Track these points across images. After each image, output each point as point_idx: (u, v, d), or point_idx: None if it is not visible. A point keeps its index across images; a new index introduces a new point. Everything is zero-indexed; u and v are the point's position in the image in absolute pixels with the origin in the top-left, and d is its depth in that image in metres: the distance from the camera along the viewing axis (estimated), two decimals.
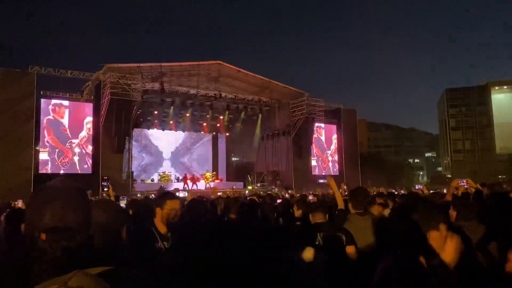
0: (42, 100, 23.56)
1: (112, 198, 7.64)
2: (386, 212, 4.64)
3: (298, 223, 5.06)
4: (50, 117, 23.68)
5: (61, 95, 24.73)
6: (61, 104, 24.29)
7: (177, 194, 11.96)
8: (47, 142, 23.53)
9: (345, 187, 9.12)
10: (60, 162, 23.76)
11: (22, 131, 22.23)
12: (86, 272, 0.81)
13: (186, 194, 9.92)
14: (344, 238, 3.64)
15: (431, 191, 9.21)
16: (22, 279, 1.26)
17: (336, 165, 34.63)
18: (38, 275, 1.02)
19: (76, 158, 24.21)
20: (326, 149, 34.18)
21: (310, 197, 8.41)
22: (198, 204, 4.57)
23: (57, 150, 23.77)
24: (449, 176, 53.43)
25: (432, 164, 76.73)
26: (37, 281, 0.91)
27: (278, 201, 8.79)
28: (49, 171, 23.12)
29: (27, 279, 1.15)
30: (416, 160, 78.78)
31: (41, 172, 22.81)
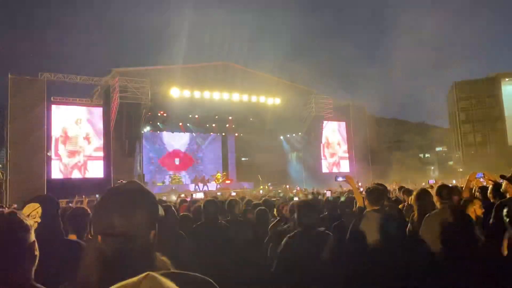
0: (53, 106, 23.78)
1: None
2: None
3: None
4: (61, 122, 23.89)
5: (71, 101, 24.95)
6: (71, 110, 24.50)
7: (193, 195, 11.99)
8: (58, 147, 23.73)
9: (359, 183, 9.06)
10: (72, 167, 23.96)
11: (34, 137, 22.48)
12: (157, 275, 0.80)
13: (203, 195, 9.95)
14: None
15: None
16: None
17: (347, 162, 34.49)
18: (99, 277, 1.04)
19: (87, 163, 24.40)
20: (336, 146, 34.07)
21: (328, 194, 8.37)
22: (215, 205, 4.58)
23: (68, 155, 23.97)
24: (461, 170, 52.87)
25: (443, 158, 75.99)
26: (98, 282, 0.92)
27: (295, 199, 8.75)
28: (61, 177, 23.35)
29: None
30: (427, 155, 78.08)
31: (53, 177, 23.02)
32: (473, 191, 6.67)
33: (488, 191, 5.32)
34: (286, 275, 2.93)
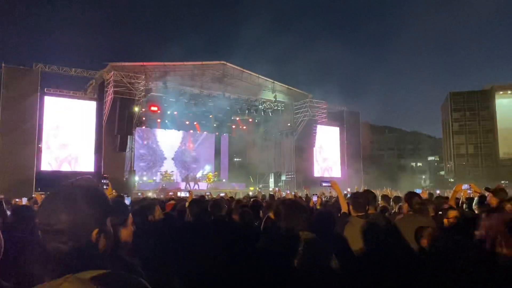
0: (46, 98, 23.60)
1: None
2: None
3: None
4: (53, 114, 23.71)
5: (64, 93, 24.77)
6: (64, 102, 24.33)
7: (178, 194, 11.94)
8: (49, 139, 23.56)
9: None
10: (62, 160, 23.79)
11: (25, 128, 22.31)
12: (78, 277, 0.78)
13: (188, 194, 9.87)
14: None
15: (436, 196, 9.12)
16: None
17: (339, 167, 34.56)
18: (39, 275, 1.01)
19: (78, 156, 24.23)
20: (328, 151, 34.13)
21: (314, 198, 8.35)
22: (200, 205, 4.55)
23: (59, 148, 23.80)
24: (452, 180, 53.25)
25: (434, 167, 76.47)
26: (38, 280, 0.90)
27: None
28: (51, 169, 23.17)
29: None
30: (418, 164, 78.53)
31: (43, 169, 22.83)
32: (460, 202, 6.75)
33: (474, 202, 5.38)
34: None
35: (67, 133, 24.00)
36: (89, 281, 0.79)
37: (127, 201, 6.69)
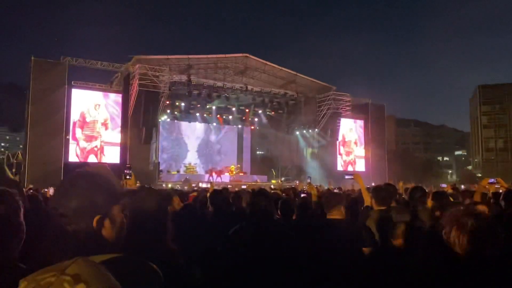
0: (73, 90, 24.09)
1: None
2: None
3: None
4: (80, 107, 24.20)
5: (91, 86, 25.24)
6: (91, 94, 24.79)
7: (200, 184, 12.04)
8: (76, 131, 24.07)
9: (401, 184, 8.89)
10: (88, 151, 24.29)
11: (53, 120, 22.85)
12: (88, 260, 0.79)
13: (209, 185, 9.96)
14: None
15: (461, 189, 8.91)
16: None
17: (363, 161, 34.13)
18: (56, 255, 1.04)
19: (104, 148, 24.70)
20: (352, 144, 33.75)
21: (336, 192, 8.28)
22: (220, 196, 4.58)
23: (85, 140, 24.30)
24: (479, 175, 52.00)
25: (462, 162, 74.78)
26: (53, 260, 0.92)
27: (302, 195, 8.67)
28: (78, 160, 23.68)
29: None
30: (445, 158, 76.99)
31: (70, 161, 23.36)
32: (487, 197, 6.57)
33: (500, 198, 5.22)
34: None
35: (93, 125, 24.47)
36: (99, 264, 0.80)
37: None
